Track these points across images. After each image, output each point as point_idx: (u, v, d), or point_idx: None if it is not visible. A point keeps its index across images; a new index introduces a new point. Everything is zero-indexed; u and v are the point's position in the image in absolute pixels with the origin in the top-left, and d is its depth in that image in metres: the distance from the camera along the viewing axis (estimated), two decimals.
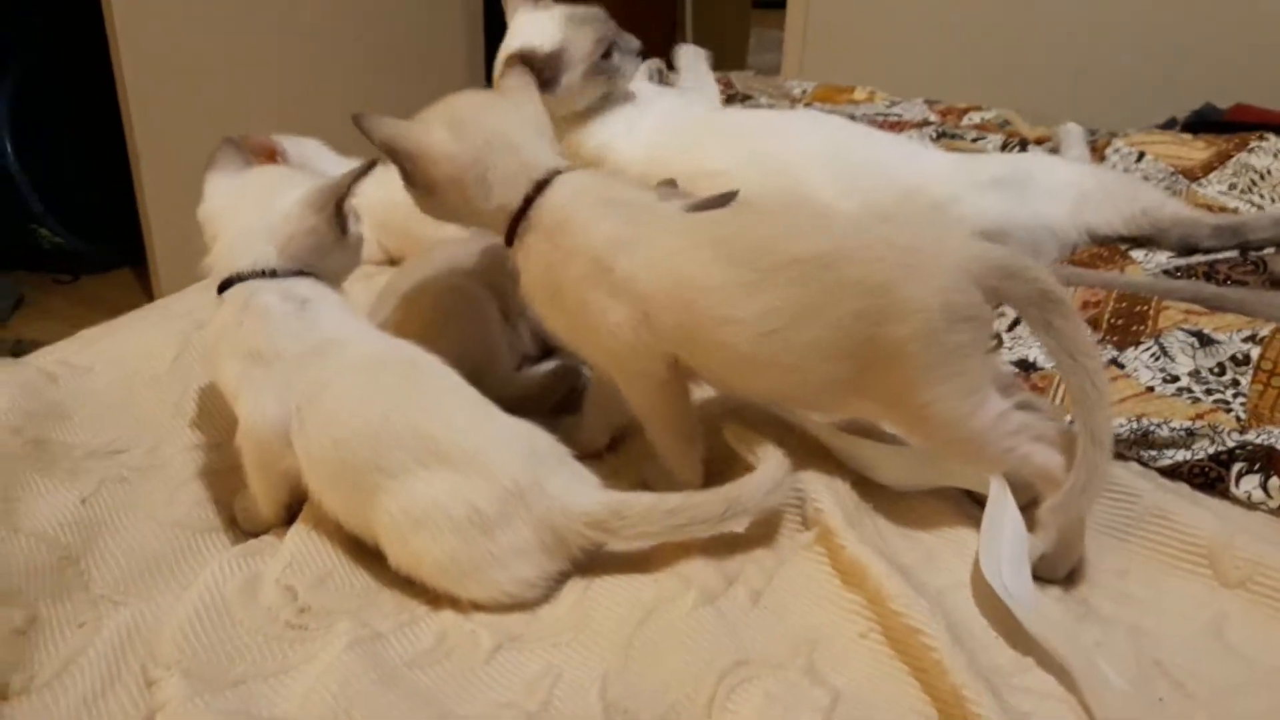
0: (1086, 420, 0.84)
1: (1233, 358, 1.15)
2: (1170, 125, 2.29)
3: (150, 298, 2.89)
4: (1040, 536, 0.89)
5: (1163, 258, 1.39)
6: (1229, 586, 0.90)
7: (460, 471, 0.87)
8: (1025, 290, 0.86)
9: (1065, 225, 1.43)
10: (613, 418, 1.06)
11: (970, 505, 0.98)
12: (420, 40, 3.39)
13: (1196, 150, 1.63)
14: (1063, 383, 1.04)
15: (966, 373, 0.86)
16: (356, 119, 0.95)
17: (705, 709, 0.78)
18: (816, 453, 1.02)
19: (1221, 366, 1.15)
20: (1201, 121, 2.22)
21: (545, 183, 0.96)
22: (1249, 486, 1.01)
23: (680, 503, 0.90)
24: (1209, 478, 1.03)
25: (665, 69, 1.95)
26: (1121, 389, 1.16)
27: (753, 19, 4.54)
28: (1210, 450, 1.04)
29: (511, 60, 1.30)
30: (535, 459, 0.90)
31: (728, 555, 0.92)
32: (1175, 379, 1.15)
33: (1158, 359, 1.18)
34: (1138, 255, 1.40)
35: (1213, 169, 1.58)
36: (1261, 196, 1.51)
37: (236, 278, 0.98)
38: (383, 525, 0.88)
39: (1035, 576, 0.89)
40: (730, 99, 2.08)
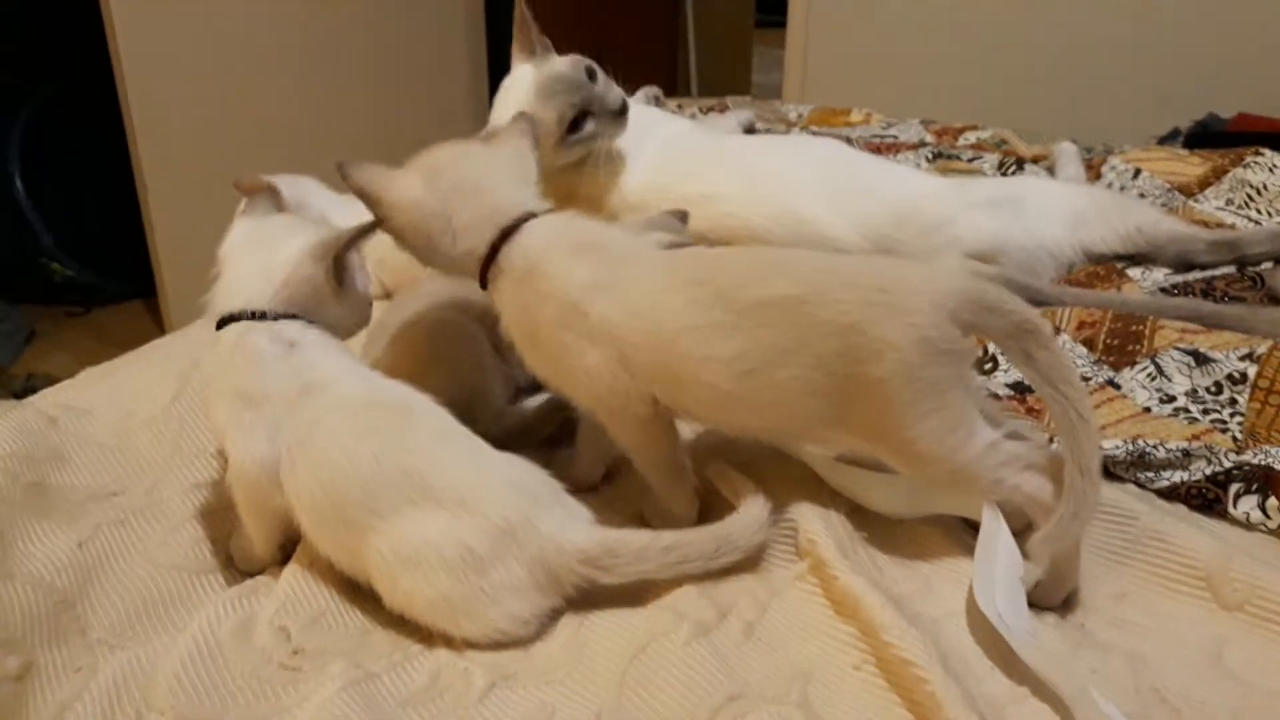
0: (1073, 449, 0.83)
1: (1229, 376, 1.14)
2: (1174, 136, 2.29)
3: (161, 329, 2.92)
4: (1034, 565, 0.88)
5: (1160, 275, 1.39)
6: (1227, 609, 0.90)
7: (451, 510, 0.87)
8: (1002, 323, 0.86)
9: (1062, 245, 1.43)
10: (606, 451, 1.06)
11: (966, 533, 0.97)
12: (424, 81, 3.43)
13: (1192, 166, 1.62)
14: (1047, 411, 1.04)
15: (949, 406, 0.86)
16: (340, 168, 0.97)
17: None
18: (810, 482, 1.02)
19: (1218, 385, 1.14)
20: (1205, 132, 2.22)
21: (514, 228, 0.96)
22: (1247, 507, 1.00)
23: (674, 540, 0.91)
24: (1207, 499, 1.02)
25: (661, 96, 1.96)
26: (1119, 410, 1.15)
27: (756, 38, 4.56)
28: (1207, 471, 1.03)
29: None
30: (527, 496, 0.91)
31: (721, 587, 0.92)
32: (1172, 399, 1.15)
33: (1154, 379, 1.17)
34: (1134, 273, 1.39)
35: (1209, 184, 1.57)
36: (1258, 211, 1.50)
37: (231, 317, 0.99)
38: (374, 566, 0.89)
39: (1031, 603, 0.89)
40: None
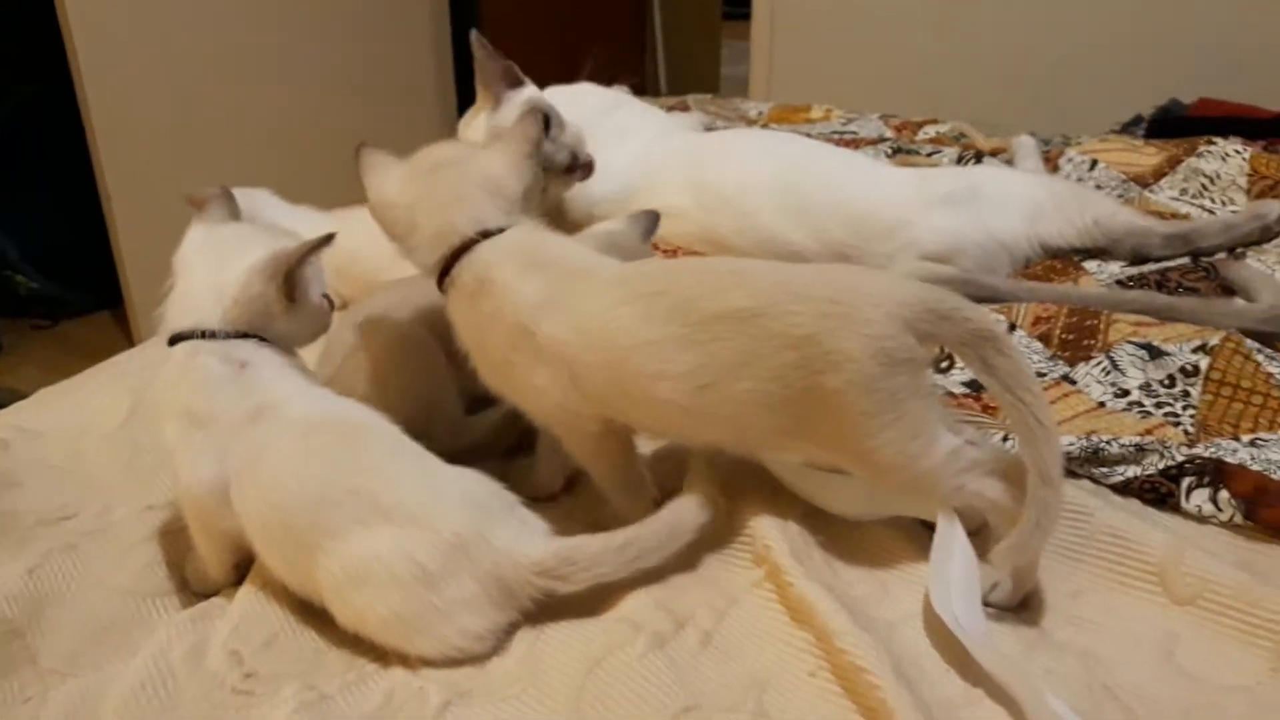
0: (1033, 457, 0.83)
1: (1182, 369, 1.15)
2: (1136, 123, 2.30)
3: (130, 340, 2.90)
4: (991, 568, 0.89)
5: (1115, 268, 1.40)
6: (1179, 604, 0.90)
7: (401, 526, 0.86)
8: (958, 331, 0.85)
9: (1019, 239, 1.44)
10: (566, 461, 1.05)
11: (923, 534, 0.97)
12: (389, 91, 3.42)
13: (1147, 156, 1.63)
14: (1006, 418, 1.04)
15: (908, 415, 0.86)
16: (359, 148, 1.00)
17: None
18: (765, 486, 1.02)
19: (1171, 379, 1.15)
20: (1167, 118, 2.23)
21: (467, 246, 0.96)
22: (1199, 500, 1.01)
23: (627, 538, 0.91)
24: (1160, 493, 1.03)
25: (630, 92, 1.95)
26: (1074, 405, 1.15)
27: (724, 31, 4.55)
28: (1160, 465, 1.03)
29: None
30: (480, 510, 0.90)
31: (678, 597, 0.92)
32: (1126, 393, 1.15)
33: (1108, 373, 1.18)
34: (1091, 266, 1.40)
35: (1164, 174, 1.59)
36: (1212, 200, 1.51)
37: (181, 336, 0.98)
38: (325, 585, 0.88)
39: (988, 604, 0.89)
40: None
